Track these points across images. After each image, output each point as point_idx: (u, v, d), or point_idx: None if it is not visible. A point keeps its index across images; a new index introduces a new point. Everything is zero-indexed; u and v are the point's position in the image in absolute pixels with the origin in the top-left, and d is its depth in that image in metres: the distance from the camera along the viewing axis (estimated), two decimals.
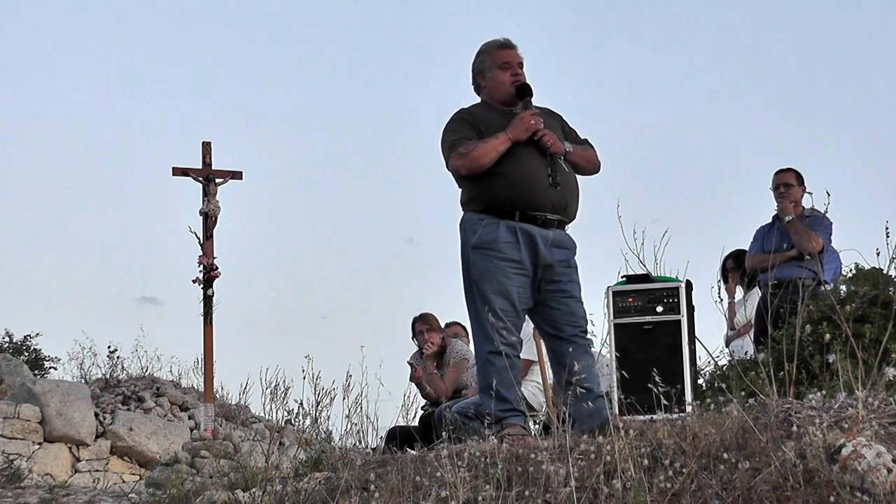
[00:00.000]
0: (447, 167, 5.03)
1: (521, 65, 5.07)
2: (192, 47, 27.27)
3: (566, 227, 5.01)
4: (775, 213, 7.11)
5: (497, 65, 5.06)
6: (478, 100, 5.19)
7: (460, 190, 5.09)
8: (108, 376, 14.73)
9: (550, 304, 4.91)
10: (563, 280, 4.92)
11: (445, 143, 5.02)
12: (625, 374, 5.03)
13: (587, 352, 4.90)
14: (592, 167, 5.15)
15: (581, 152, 5.07)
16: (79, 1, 26.63)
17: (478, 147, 4.90)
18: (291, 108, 26.66)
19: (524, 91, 5.01)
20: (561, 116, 5.19)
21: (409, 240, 25.45)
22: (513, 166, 4.88)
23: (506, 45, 5.10)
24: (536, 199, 4.87)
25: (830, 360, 4.63)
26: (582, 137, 5.18)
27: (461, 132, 4.99)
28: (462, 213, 5.05)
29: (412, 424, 7.11)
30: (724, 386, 4.77)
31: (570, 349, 4.76)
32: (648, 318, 5.68)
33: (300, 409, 5.63)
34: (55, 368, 16.75)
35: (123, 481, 11.75)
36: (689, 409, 5.03)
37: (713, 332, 7.97)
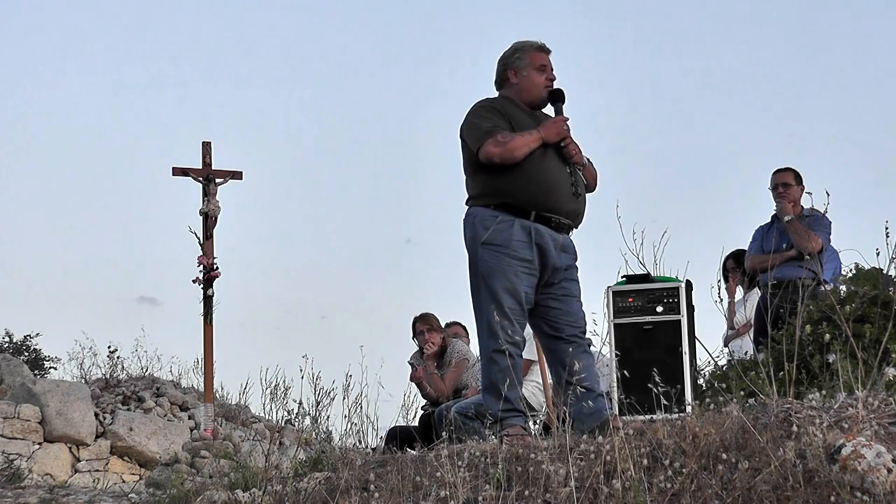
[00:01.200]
0: (476, 152, 4.93)
1: (553, 70, 5.10)
2: (192, 47, 27.28)
3: (571, 232, 5.06)
4: (774, 212, 7.11)
5: (535, 66, 5.05)
6: (493, 93, 5.18)
7: (471, 183, 5.04)
8: (108, 376, 14.71)
9: (550, 303, 4.92)
10: (565, 280, 4.94)
11: (478, 129, 4.94)
12: (625, 373, 5.03)
13: (586, 351, 4.91)
14: (594, 185, 5.21)
15: (592, 169, 5.16)
16: (79, 1, 26.65)
17: (515, 139, 4.87)
18: (291, 108, 26.67)
19: (558, 96, 5.04)
20: None
21: (407, 240, 25.46)
22: (536, 166, 4.88)
23: (544, 49, 5.12)
24: (555, 203, 4.89)
25: (830, 360, 4.62)
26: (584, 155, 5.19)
27: (495, 121, 4.95)
28: (468, 207, 5.01)
29: (412, 424, 7.12)
30: (723, 386, 4.77)
31: (570, 349, 4.76)
32: (648, 318, 5.69)
33: (300, 409, 5.63)
34: (55, 368, 16.76)
35: (123, 481, 11.74)
36: (688, 409, 5.03)
37: (713, 332, 7.98)
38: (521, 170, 4.86)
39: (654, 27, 25.80)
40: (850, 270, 5.54)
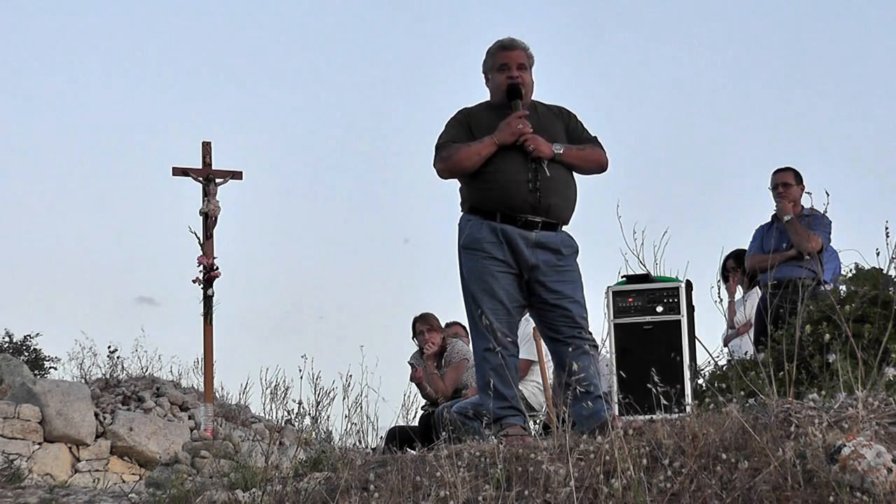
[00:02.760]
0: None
1: (522, 66, 5.03)
2: (192, 47, 27.29)
3: (559, 228, 4.97)
4: (774, 212, 7.10)
5: (496, 67, 5.05)
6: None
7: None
8: (108, 376, 14.72)
9: (543, 306, 4.92)
10: (553, 280, 4.90)
11: (436, 145, 5.07)
12: (623, 374, 5.03)
13: (586, 352, 4.86)
14: (592, 166, 5.09)
15: (577, 152, 5.01)
16: (79, 1, 26.64)
17: (460, 151, 4.95)
18: (291, 108, 26.68)
19: (512, 93, 4.99)
20: (569, 114, 5.16)
21: (405, 240, 25.47)
22: (493, 169, 4.92)
23: (505, 47, 5.08)
24: (514, 202, 4.88)
25: (830, 360, 4.62)
26: (592, 135, 5.13)
27: (451, 134, 5.04)
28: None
29: (412, 424, 7.11)
30: (723, 386, 4.76)
31: (570, 350, 4.75)
32: (648, 318, 5.67)
33: (300, 409, 5.62)
34: (55, 368, 16.76)
35: (123, 481, 11.75)
36: (688, 409, 5.03)
37: (713, 332, 7.97)
38: (481, 175, 4.94)
39: (654, 26, 25.80)
40: (850, 270, 5.53)
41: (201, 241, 9.80)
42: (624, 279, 5.99)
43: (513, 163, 4.90)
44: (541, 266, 4.88)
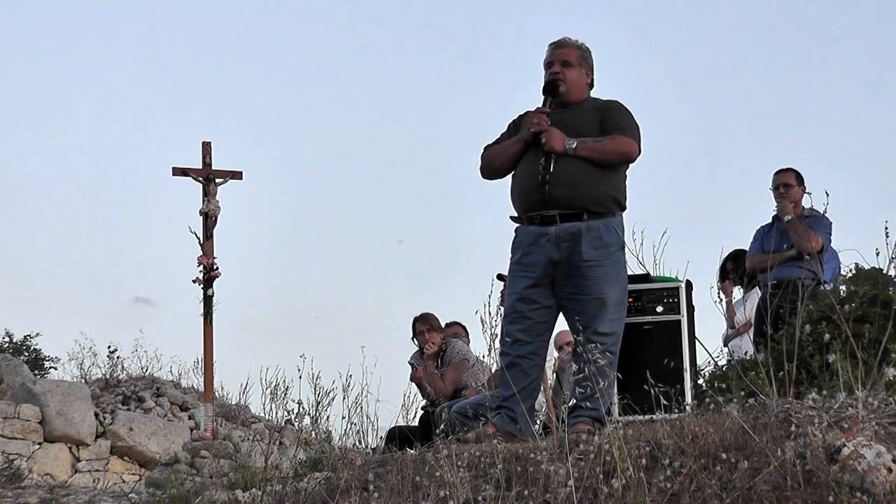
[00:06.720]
0: None
1: (567, 63, 5.03)
2: (191, 47, 27.28)
3: (584, 217, 4.82)
4: (775, 213, 7.10)
5: (545, 64, 5.12)
6: None
7: None
8: (108, 376, 14.72)
9: (566, 303, 4.89)
10: (581, 276, 4.81)
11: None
12: (618, 375, 5.04)
13: (585, 359, 4.61)
14: (612, 157, 4.88)
15: (592, 145, 4.85)
16: (79, 1, 26.64)
17: (491, 151, 5.11)
18: (291, 108, 26.69)
19: (546, 88, 5.03)
20: (611, 106, 5.02)
21: (399, 241, 25.49)
22: (517, 171, 5.01)
23: (552, 45, 5.12)
24: (527, 200, 4.93)
25: (830, 360, 4.62)
26: (626, 124, 4.95)
27: (500, 136, 5.16)
28: None
29: (412, 424, 7.11)
30: (723, 386, 4.76)
31: (579, 349, 4.71)
32: (648, 318, 5.67)
33: (300, 408, 5.62)
34: (55, 368, 16.74)
35: (123, 481, 11.74)
36: (688, 409, 5.03)
37: (713, 332, 7.97)
38: (511, 178, 5.06)
39: (654, 25, 25.81)
40: (850, 270, 5.52)
41: (201, 241, 9.79)
42: None
43: (529, 162, 4.94)
44: (563, 262, 4.82)
